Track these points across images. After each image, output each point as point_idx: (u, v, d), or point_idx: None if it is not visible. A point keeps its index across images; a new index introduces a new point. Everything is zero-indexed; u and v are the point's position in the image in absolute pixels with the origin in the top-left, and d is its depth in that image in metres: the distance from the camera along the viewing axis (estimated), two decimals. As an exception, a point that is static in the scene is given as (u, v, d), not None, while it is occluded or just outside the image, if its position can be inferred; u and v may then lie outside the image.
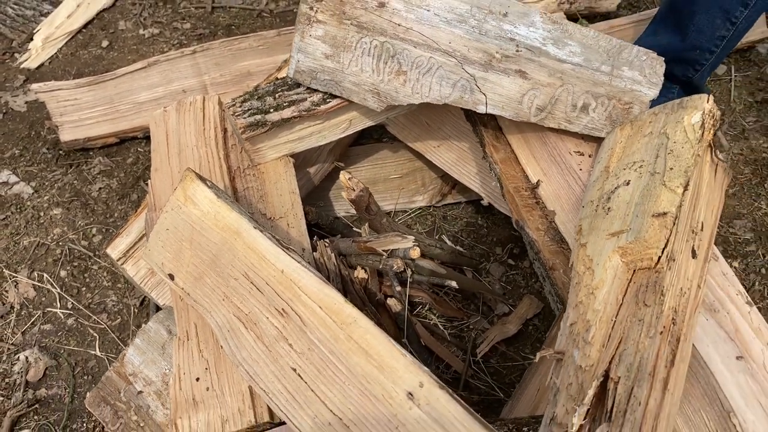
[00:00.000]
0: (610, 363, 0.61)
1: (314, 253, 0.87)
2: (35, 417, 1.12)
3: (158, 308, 1.06)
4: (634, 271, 0.65)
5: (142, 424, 0.86)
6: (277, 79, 0.98)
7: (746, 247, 1.29)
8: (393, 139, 1.23)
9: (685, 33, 1.17)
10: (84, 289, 1.27)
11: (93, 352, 1.19)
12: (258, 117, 0.90)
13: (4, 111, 1.58)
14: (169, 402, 0.85)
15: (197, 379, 0.78)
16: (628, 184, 0.70)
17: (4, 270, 1.28)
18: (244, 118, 0.91)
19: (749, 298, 0.82)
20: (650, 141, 0.73)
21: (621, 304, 0.64)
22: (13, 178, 1.43)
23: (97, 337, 1.20)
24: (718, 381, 0.73)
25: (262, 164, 0.97)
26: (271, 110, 0.91)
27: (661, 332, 0.63)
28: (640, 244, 0.64)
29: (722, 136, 1.46)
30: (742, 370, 0.74)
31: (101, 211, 1.38)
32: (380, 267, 0.87)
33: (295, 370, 0.69)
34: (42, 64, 1.69)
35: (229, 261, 0.74)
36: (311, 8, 0.86)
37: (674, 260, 0.65)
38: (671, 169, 0.67)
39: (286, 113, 0.91)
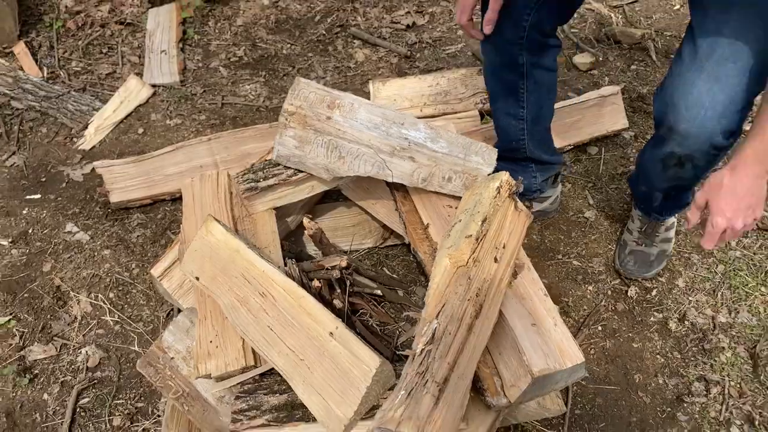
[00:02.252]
0: (438, 314, 1.12)
1: (285, 267, 1.39)
2: (93, 390, 1.60)
3: (179, 311, 1.56)
4: (457, 268, 1.17)
5: (173, 377, 1.35)
6: (265, 160, 1.53)
7: (599, 276, 1.81)
8: (346, 199, 1.77)
9: (500, 136, 1.74)
10: (126, 305, 1.77)
11: (133, 348, 1.68)
12: (252, 184, 1.45)
13: (66, 180, 2.13)
14: (192, 362, 1.35)
15: (210, 341, 1.28)
16: (460, 221, 1.24)
17: (70, 292, 1.79)
18: (244, 185, 1.45)
19: (546, 293, 1.33)
20: (474, 197, 1.26)
21: (448, 285, 1.15)
22: (75, 229, 1.96)
23: (136, 338, 1.70)
24: (518, 338, 1.23)
25: (254, 214, 1.51)
26: (261, 180, 1.46)
27: (469, 299, 1.14)
28: (458, 252, 1.16)
29: (590, 197, 2.01)
30: (534, 333, 1.24)
31: (138, 252, 1.90)
32: (326, 276, 1.39)
33: (269, 327, 1.19)
34: (94, 146, 2.25)
35: (232, 267, 1.26)
36: (286, 119, 1.42)
37: (479, 262, 1.18)
38: (478, 212, 1.20)
39: (271, 182, 1.46)
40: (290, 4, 2.87)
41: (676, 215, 1.78)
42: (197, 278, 1.30)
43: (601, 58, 2.46)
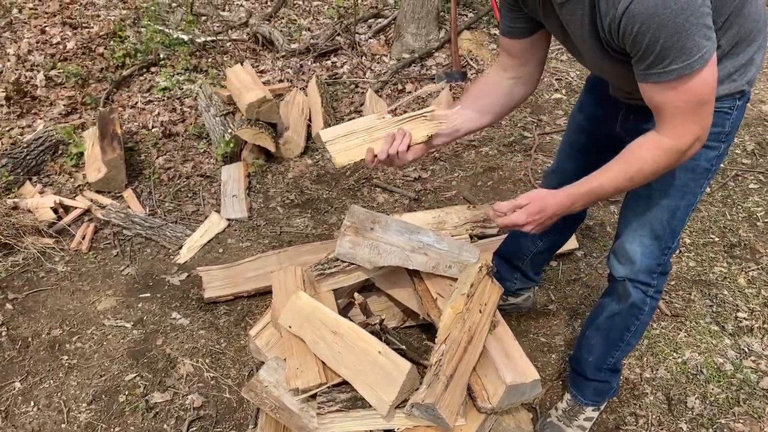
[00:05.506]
0: (445, 340, 1.84)
1: (343, 324, 2.11)
2: (199, 422, 2.22)
3: (260, 365, 2.25)
4: (456, 314, 1.90)
5: (267, 397, 2.02)
6: (328, 257, 2.32)
7: (559, 348, 2.50)
8: (377, 290, 2.52)
9: (510, 243, 2.53)
10: (218, 367, 2.45)
11: (225, 396, 2.33)
12: (322, 271, 2.22)
13: (167, 285, 2.89)
14: (282, 385, 2.02)
15: (297, 368, 1.97)
16: (457, 288, 1.99)
17: (178, 357, 2.47)
18: (316, 272, 2.22)
19: (515, 338, 2.03)
20: (466, 273, 2.03)
21: (451, 324, 1.88)
22: (178, 316, 2.69)
23: (227, 389, 2.35)
24: (496, 363, 1.92)
25: (320, 293, 2.26)
26: (327, 269, 2.23)
27: (464, 332, 1.86)
28: (456, 304, 1.90)
29: (552, 295, 2.76)
30: (507, 360, 1.93)
31: (225, 332, 2.61)
32: (370, 330, 2.11)
33: (338, 351, 1.90)
34: (186, 261, 3.03)
35: (314, 318, 1.99)
36: (344, 230, 2.23)
37: (470, 311, 1.92)
38: (468, 279, 1.96)
39: (333, 270, 2.23)
40: (327, 163, 3.82)
41: (597, 408, 2.18)
42: (290, 327, 2.03)
43: (558, 201, 3.34)
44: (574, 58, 1.73)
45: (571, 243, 2.94)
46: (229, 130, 3.73)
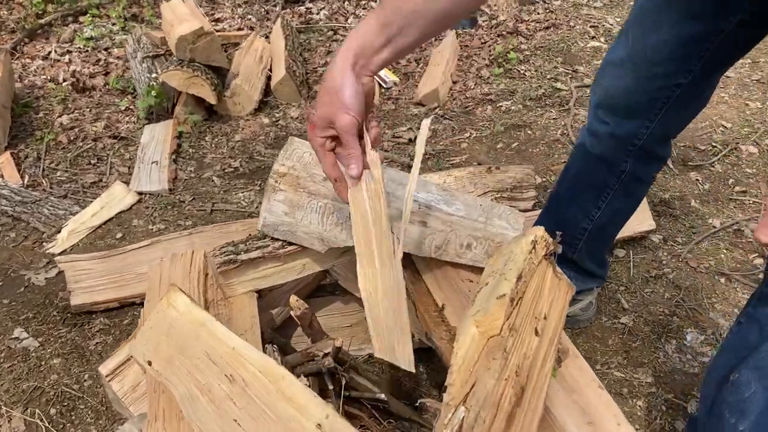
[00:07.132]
0: (466, 397, 0.82)
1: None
2: None
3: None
4: (488, 338, 0.89)
5: (105, 504, 1.00)
6: (249, 236, 1.31)
7: (648, 389, 1.49)
8: (344, 293, 1.51)
9: (548, 225, 1.50)
10: (69, 424, 1.43)
11: (67, 479, 1.31)
12: (231, 256, 1.21)
13: (26, 285, 1.87)
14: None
15: (159, 449, 0.95)
16: (487, 284, 0.98)
17: (2, 408, 1.46)
18: (221, 257, 1.21)
19: (601, 384, 1.03)
20: (503, 257, 1.02)
21: (477, 360, 0.87)
22: (24, 335, 1.67)
23: (73, 465, 1.34)
24: (571, 440, 0.92)
25: (232, 297, 1.25)
26: (242, 252, 1.22)
27: (506, 379, 0.85)
28: (488, 317, 0.89)
29: (624, 302, 1.75)
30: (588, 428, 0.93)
31: (95, 361, 1.59)
32: (316, 368, 1.10)
33: (236, 420, 0.88)
34: (64, 251, 2.02)
35: (195, 345, 0.98)
36: (276, 181, 1.22)
37: (516, 331, 0.90)
38: (510, 269, 0.95)
39: (253, 254, 1.22)
40: (290, 122, 2.82)
41: None
42: (149, 363, 1.01)
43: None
44: None
45: (645, 223, 1.93)
46: (154, 75, 2.73)
